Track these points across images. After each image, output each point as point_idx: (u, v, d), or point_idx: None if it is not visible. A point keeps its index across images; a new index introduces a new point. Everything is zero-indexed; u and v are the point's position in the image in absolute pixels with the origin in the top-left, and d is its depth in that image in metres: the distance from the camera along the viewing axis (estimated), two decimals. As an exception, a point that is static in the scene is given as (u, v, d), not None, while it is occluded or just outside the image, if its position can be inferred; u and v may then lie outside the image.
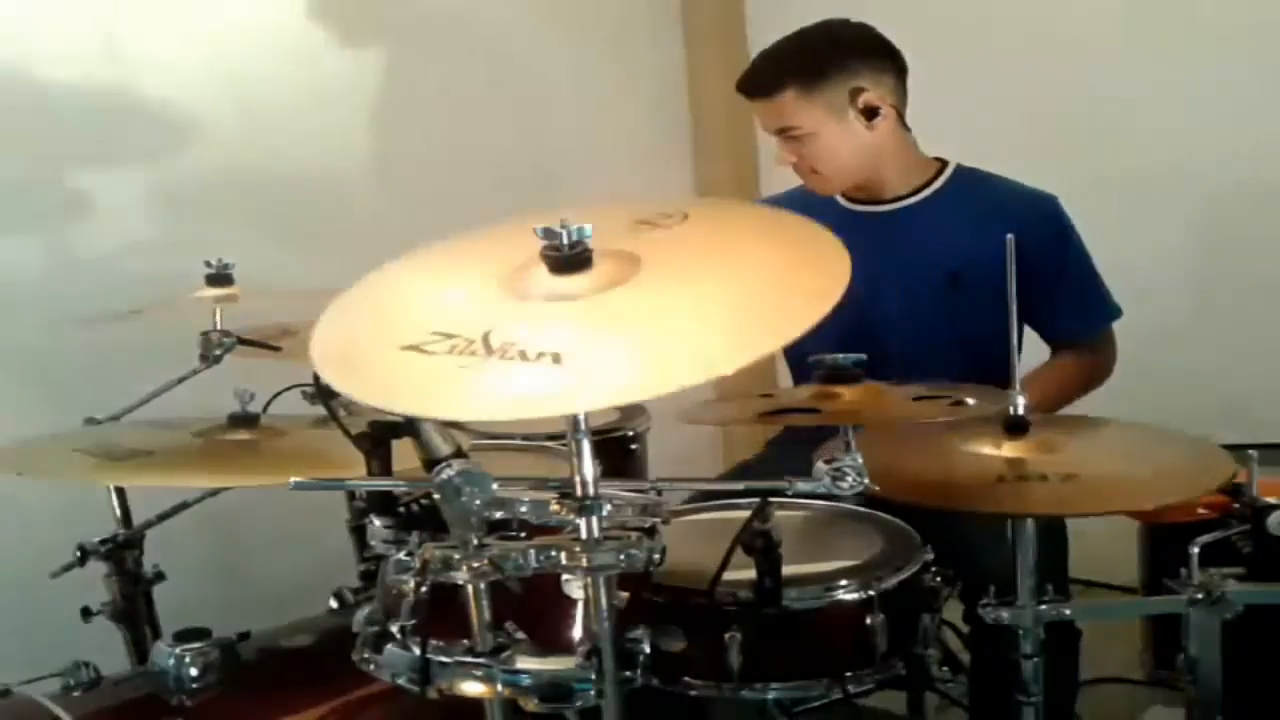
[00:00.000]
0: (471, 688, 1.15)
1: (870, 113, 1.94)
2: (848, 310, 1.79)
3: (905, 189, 2.02)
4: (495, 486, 1.07)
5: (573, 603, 1.19)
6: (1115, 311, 2.03)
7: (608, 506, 1.10)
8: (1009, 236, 1.44)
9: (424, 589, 1.13)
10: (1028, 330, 1.98)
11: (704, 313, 1.05)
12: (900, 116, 2.00)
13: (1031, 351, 2.00)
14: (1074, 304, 2.00)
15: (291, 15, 2.66)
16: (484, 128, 2.99)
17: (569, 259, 1.07)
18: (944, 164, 2.06)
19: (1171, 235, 2.80)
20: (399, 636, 1.19)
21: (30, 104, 2.27)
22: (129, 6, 2.40)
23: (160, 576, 1.81)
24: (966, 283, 1.93)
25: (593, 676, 1.13)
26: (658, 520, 1.15)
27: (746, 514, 1.31)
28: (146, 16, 2.41)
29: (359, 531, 1.31)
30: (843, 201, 2.06)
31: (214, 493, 1.84)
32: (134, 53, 2.39)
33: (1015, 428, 1.44)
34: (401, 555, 1.17)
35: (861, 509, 1.59)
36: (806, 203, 2.06)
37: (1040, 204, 2.00)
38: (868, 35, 1.98)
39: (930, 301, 1.97)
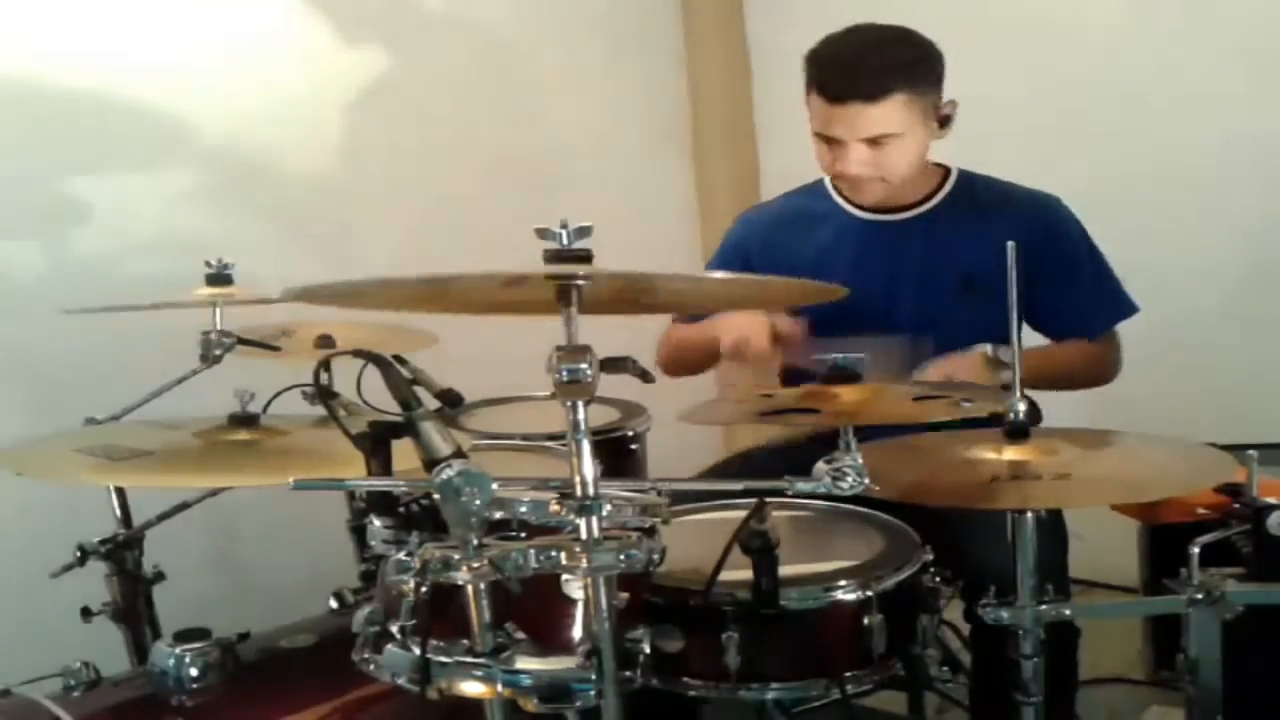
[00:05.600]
0: (471, 688, 1.15)
1: (945, 121, 1.93)
2: (865, 316, 1.80)
3: (916, 196, 2.02)
4: (495, 486, 1.07)
5: (573, 603, 1.19)
6: (1130, 307, 2.02)
7: (608, 506, 1.10)
8: (1010, 243, 1.44)
9: (424, 589, 1.13)
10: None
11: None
12: None
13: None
14: (1091, 301, 2.00)
15: (289, 15, 2.66)
16: (484, 128, 2.99)
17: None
18: (947, 169, 2.05)
19: (1173, 234, 2.80)
20: (399, 636, 1.19)
21: (31, 104, 2.28)
22: (129, 7, 2.40)
23: (160, 576, 1.81)
24: (981, 286, 1.93)
25: (593, 676, 1.13)
26: (657, 520, 1.15)
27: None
28: (146, 17, 2.42)
29: (359, 531, 1.31)
30: (854, 211, 2.04)
31: (214, 493, 1.84)
32: (134, 53, 2.40)
33: (1016, 433, 1.44)
34: (401, 555, 1.17)
35: (860, 508, 1.59)
36: (811, 214, 2.07)
37: (1048, 206, 2.01)
38: (934, 45, 1.93)
39: (946, 306, 1.96)
